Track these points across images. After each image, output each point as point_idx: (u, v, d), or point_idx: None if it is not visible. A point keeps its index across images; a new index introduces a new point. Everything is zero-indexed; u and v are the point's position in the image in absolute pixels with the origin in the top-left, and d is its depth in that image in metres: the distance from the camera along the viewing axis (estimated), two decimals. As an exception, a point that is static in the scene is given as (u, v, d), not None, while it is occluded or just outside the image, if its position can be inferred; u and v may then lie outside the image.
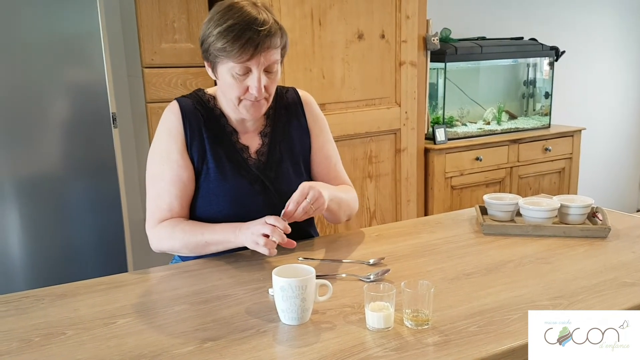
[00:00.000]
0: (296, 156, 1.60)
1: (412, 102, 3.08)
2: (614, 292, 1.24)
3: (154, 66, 2.56)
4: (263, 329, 1.11)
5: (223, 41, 1.36)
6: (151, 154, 1.52)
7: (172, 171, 1.47)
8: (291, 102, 1.62)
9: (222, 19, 1.37)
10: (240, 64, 1.38)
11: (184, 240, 1.44)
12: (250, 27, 1.35)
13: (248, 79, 1.40)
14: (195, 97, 1.54)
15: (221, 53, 1.38)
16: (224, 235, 1.42)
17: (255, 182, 1.51)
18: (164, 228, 1.47)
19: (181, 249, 1.46)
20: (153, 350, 1.03)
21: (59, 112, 2.19)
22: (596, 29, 4.33)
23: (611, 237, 1.58)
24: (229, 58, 1.37)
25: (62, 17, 2.14)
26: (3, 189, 2.12)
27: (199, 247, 1.44)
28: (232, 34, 1.35)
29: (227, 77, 1.41)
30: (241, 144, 1.53)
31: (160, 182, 1.48)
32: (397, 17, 2.95)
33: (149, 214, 1.50)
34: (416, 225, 1.79)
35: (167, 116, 1.51)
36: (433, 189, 3.23)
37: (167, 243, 1.47)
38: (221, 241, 1.43)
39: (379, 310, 1.10)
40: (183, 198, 1.49)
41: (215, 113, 1.52)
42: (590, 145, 4.14)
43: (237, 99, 1.44)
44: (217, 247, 1.44)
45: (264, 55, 1.38)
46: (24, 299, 1.26)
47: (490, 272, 1.36)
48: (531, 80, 3.90)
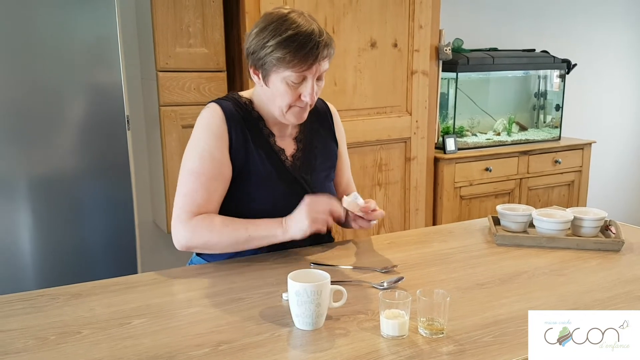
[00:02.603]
0: (327, 162, 1.66)
1: (423, 111, 3.08)
2: (627, 305, 1.24)
3: (168, 70, 2.57)
4: (277, 333, 1.11)
5: (284, 51, 1.38)
6: (190, 151, 1.50)
7: (214, 169, 1.47)
8: (321, 111, 1.68)
9: (279, 29, 1.40)
10: (298, 73, 1.41)
11: (225, 234, 1.43)
12: (311, 39, 1.39)
13: (301, 87, 1.44)
14: (233, 99, 1.55)
15: (280, 62, 1.40)
16: (269, 230, 1.44)
17: (293, 184, 1.54)
18: (201, 221, 1.44)
19: (218, 243, 1.45)
20: (168, 351, 1.04)
21: (75, 114, 2.21)
22: (608, 42, 4.33)
23: (624, 251, 1.58)
24: (287, 67, 1.40)
25: (81, 20, 2.16)
26: (17, 187, 2.14)
27: (239, 242, 1.44)
28: (294, 44, 1.38)
29: (281, 85, 1.44)
30: (278, 146, 1.56)
31: (201, 177, 1.46)
32: (410, 27, 2.96)
33: (181, 208, 1.47)
34: (428, 234, 1.79)
35: (208, 116, 1.50)
36: (442, 198, 3.22)
37: (203, 237, 1.44)
38: (266, 236, 1.44)
39: (394, 317, 1.10)
40: (220, 196, 1.49)
41: (254, 116, 1.54)
42: (600, 159, 4.14)
43: (288, 106, 1.47)
44: (260, 242, 1.46)
45: (320, 65, 1.43)
46: (39, 297, 1.27)
47: (504, 283, 1.36)
48: (542, 92, 3.90)
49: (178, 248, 1.47)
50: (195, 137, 1.50)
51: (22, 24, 2.06)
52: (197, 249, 1.49)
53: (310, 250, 1.57)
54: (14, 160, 2.13)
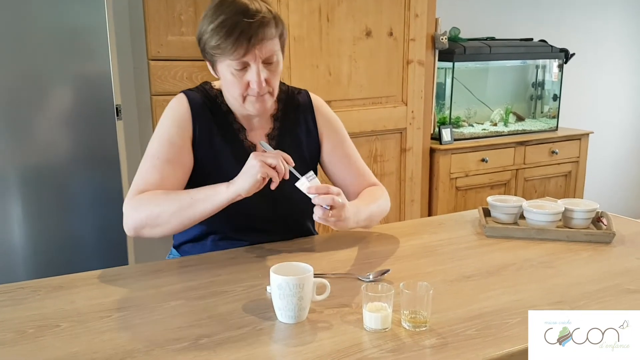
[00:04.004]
0: (304, 161, 1.55)
1: (419, 101, 3.06)
2: (616, 298, 1.23)
3: (160, 59, 2.55)
4: (259, 326, 1.10)
5: (216, 38, 1.32)
6: (152, 138, 1.45)
7: (171, 153, 1.41)
8: (302, 105, 1.58)
9: (214, 14, 1.33)
10: (236, 60, 1.34)
11: (168, 201, 1.33)
12: (241, 20, 1.30)
13: (247, 74, 1.36)
14: (203, 91, 1.50)
15: (216, 51, 1.34)
16: (212, 188, 1.32)
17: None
18: (144, 195, 1.36)
19: (161, 213, 1.33)
20: (147, 345, 1.02)
21: (63, 104, 2.19)
22: (607, 32, 4.29)
23: (616, 243, 1.56)
24: (224, 55, 1.33)
25: (68, 9, 2.13)
26: (6, 179, 2.12)
27: (183, 207, 1.32)
28: (224, 29, 1.30)
29: (227, 74, 1.38)
30: (249, 141, 1.50)
31: (155, 160, 1.40)
32: (405, 15, 2.92)
33: (132, 188, 1.39)
34: (418, 226, 1.78)
35: (173, 106, 1.46)
36: (438, 189, 3.21)
37: (146, 210, 1.34)
38: (209, 195, 1.32)
39: (376, 310, 1.08)
40: (175, 181, 1.41)
41: (223, 109, 1.49)
42: (597, 149, 4.11)
43: (241, 95, 1.40)
44: (205, 204, 1.32)
45: (259, 48, 1.33)
46: (20, 289, 1.26)
47: (491, 275, 1.34)
48: (540, 82, 3.87)
49: (127, 232, 1.38)
50: (158, 126, 1.46)
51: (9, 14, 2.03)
52: (144, 227, 1.36)
53: (296, 243, 1.55)
54: (0, 152, 2.10)
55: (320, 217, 1.32)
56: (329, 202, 1.31)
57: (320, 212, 1.32)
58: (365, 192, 1.60)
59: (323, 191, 1.32)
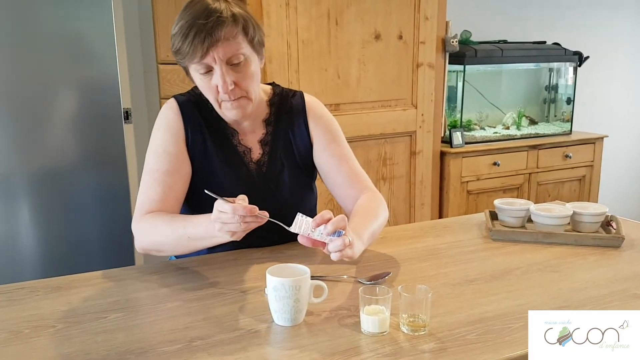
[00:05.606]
0: (297, 164, 1.52)
1: (429, 104, 3.03)
2: (623, 304, 1.19)
3: (169, 62, 2.56)
4: (255, 329, 1.08)
5: (175, 43, 1.30)
6: (147, 151, 1.44)
7: (170, 163, 1.39)
8: (295, 108, 1.53)
9: (177, 20, 1.31)
10: (197, 64, 1.30)
11: (166, 233, 1.31)
12: (195, 22, 1.26)
13: (214, 78, 1.32)
14: (195, 95, 1.46)
15: (177, 56, 1.32)
16: (206, 230, 1.23)
17: (256, 190, 1.40)
18: (147, 221, 1.35)
19: (165, 244, 1.33)
20: (140, 347, 1.01)
21: (71, 108, 2.20)
22: (621, 35, 4.23)
23: (625, 247, 1.52)
24: (186, 59, 1.31)
25: (76, 14, 2.15)
26: (15, 182, 2.14)
27: (181, 243, 1.30)
28: (180, 33, 1.28)
29: (197, 79, 1.35)
30: (243, 146, 1.48)
31: (155, 174, 1.39)
32: (415, 18, 2.90)
33: (137, 208, 1.38)
34: (423, 229, 1.75)
35: (164, 112, 1.45)
36: (448, 193, 3.17)
37: (151, 237, 1.34)
38: (204, 237, 1.26)
39: (374, 314, 1.06)
40: (178, 191, 1.40)
41: (214, 114, 1.45)
42: (612, 153, 4.04)
43: (216, 101, 1.37)
44: (202, 243, 1.29)
45: (216, 49, 1.27)
46: (19, 290, 1.26)
47: (494, 279, 1.32)
48: (553, 85, 3.82)
49: (138, 251, 1.40)
50: (152, 136, 1.45)
51: (18, 19, 2.06)
52: (152, 250, 1.38)
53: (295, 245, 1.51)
54: (9, 155, 2.13)
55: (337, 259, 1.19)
56: (340, 248, 1.17)
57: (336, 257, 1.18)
58: (362, 208, 1.45)
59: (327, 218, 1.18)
